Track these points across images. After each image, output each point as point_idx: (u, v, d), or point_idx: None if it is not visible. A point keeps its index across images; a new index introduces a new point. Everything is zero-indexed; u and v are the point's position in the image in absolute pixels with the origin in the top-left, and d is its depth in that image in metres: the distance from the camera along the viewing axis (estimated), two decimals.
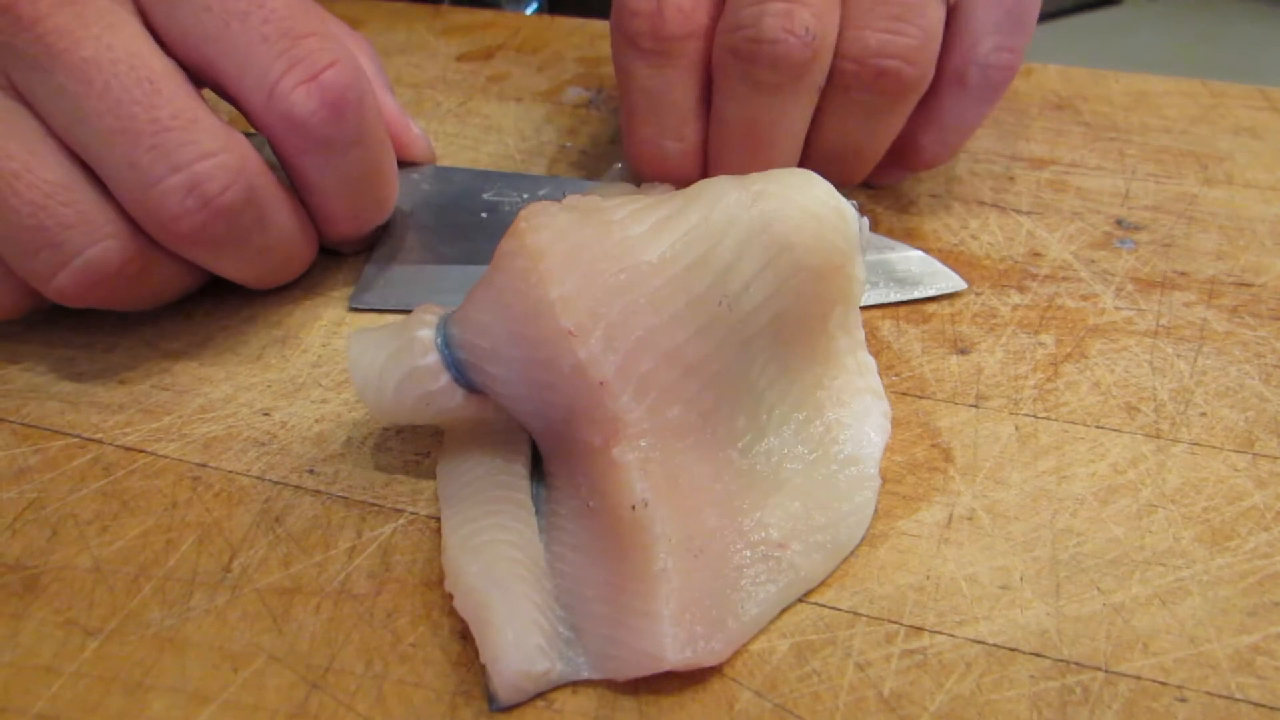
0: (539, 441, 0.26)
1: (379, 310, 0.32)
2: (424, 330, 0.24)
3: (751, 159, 0.32)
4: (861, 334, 0.27)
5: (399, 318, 0.32)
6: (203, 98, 0.28)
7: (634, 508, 0.22)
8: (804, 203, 0.25)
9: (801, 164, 0.34)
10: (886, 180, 0.37)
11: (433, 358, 0.24)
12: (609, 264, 0.23)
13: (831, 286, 0.25)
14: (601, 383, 0.23)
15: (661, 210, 0.24)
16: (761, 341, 0.25)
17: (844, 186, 0.34)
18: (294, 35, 0.27)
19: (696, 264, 0.24)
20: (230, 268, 0.30)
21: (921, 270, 0.32)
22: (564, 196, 0.26)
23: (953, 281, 0.32)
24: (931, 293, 0.32)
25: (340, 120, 0.28)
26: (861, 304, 0.30)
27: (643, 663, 0.21)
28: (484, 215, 0.34)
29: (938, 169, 0.39)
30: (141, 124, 0.25)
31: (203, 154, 0.26)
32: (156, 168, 0.26)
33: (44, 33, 0.25)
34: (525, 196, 0.35)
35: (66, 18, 0.25)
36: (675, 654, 0.21)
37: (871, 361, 0.28)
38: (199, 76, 0.28)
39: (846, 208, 0.26)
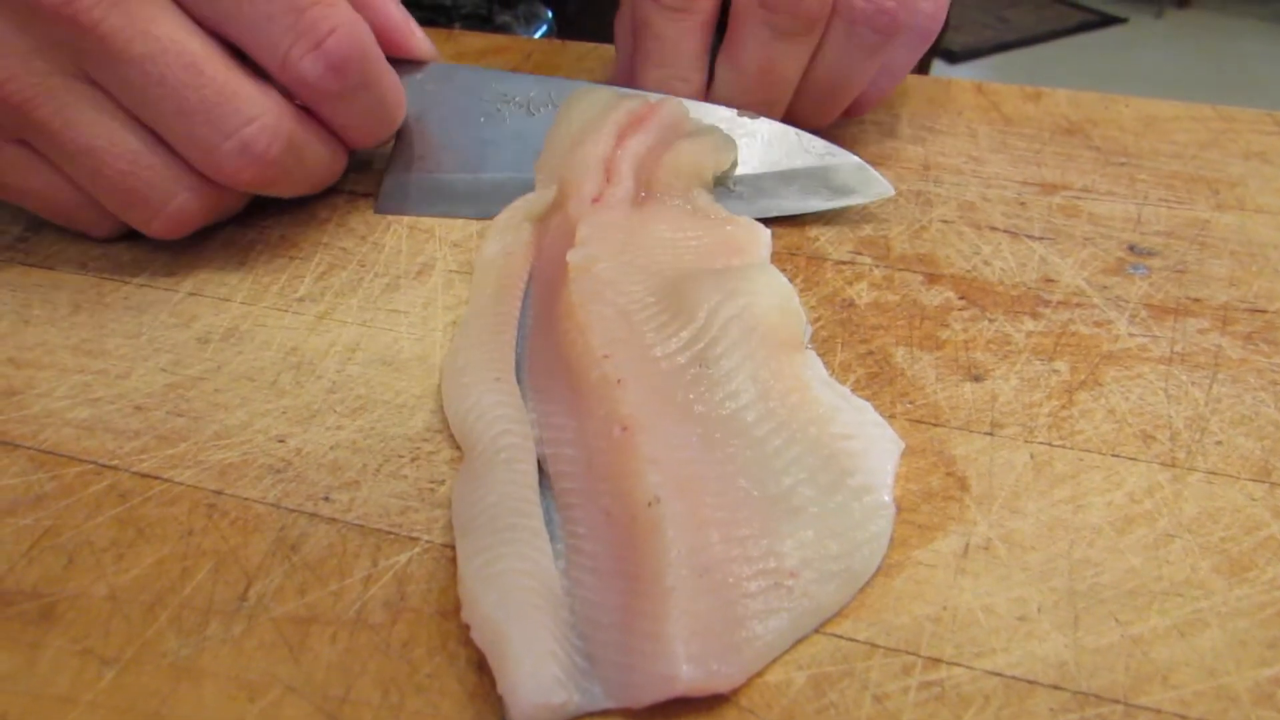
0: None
1: (401, 214, 0.38)
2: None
3: (760, 97, 0.38)
4: (845, 389, 0.28)
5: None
6: (242, 64, 0.32)
7: (649, 505, 0.23)
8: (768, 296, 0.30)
9: (792, 101, 0.39)
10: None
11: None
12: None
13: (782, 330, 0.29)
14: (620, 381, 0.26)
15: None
16: (746, 386, 0.28)
17: (818, 127, 0.39)
18: (298, 9, 0.31)
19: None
20: (283, 192, 0.36)
21: (857, 179, 0.37)
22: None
23: (884, 187, 0.36)
24: (864, 201, 0.37)
25: (344, 77, 0.33)
26: (799, 214, 0.37)
27: (657, 685, 0.21)
28: (482, 120, 0.39)
29: (949, 196, 0.39)
30: (193, 104, 0.31)
31: (247, 120, 0.31)
32: (212, 138, 0.31)
33: (103, 35, 0.30)
34: (518, 97, 0.39)
35: (118, 18, 0.30)
36: (687, 674, 0.21)
37: (865, 404, 0.28)
38: (233, 48, 0.33)
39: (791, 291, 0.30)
